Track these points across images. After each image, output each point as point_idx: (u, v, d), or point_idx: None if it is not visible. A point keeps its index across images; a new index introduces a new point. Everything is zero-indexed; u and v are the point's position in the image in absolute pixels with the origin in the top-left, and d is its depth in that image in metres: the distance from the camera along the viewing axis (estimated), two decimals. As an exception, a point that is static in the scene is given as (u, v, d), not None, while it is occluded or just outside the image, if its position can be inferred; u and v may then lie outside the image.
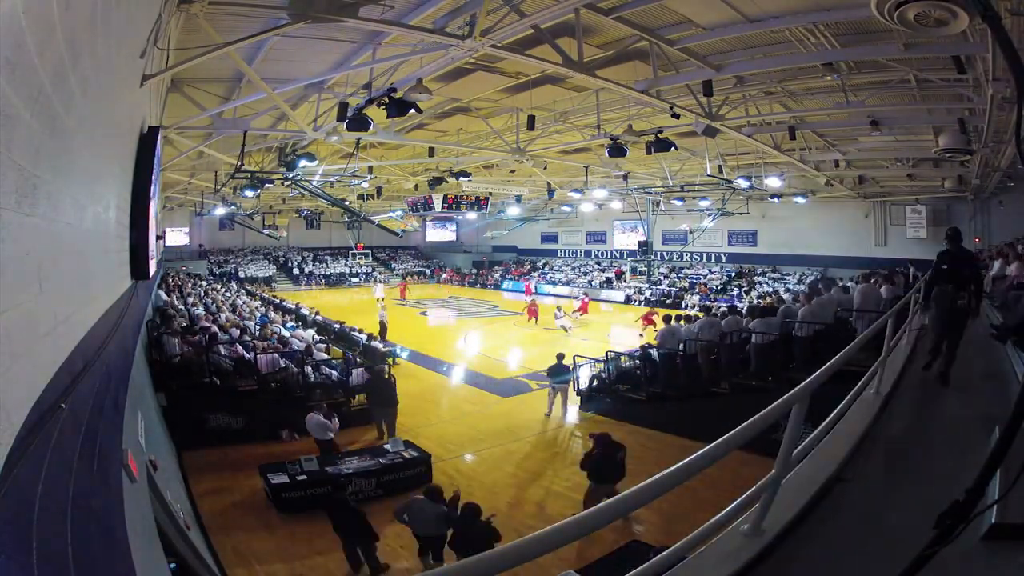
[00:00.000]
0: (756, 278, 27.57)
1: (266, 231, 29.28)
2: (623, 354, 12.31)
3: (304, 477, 7.41)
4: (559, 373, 11.19)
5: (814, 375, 2.25)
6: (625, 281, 31.84)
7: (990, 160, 13.42)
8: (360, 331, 16.37)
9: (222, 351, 10.64)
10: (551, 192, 21.39)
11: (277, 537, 6.64)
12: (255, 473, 7.77)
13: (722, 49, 8.76)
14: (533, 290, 30.57)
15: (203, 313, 14.48)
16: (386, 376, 10.82)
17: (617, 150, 11.87)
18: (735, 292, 26.46)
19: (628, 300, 29.42)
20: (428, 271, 41.60)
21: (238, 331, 12.57)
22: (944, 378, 4.55)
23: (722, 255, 30.31)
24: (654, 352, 10.91)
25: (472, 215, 27.48)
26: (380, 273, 39.16)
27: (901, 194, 21.86)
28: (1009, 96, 7.44)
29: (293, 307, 21.02)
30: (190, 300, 17.42)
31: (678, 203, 23.45)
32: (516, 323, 22.26)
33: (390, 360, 14.24)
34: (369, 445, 9.18)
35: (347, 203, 24.98)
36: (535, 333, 20.77)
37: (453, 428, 9.96)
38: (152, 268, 5.89)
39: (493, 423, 10.58)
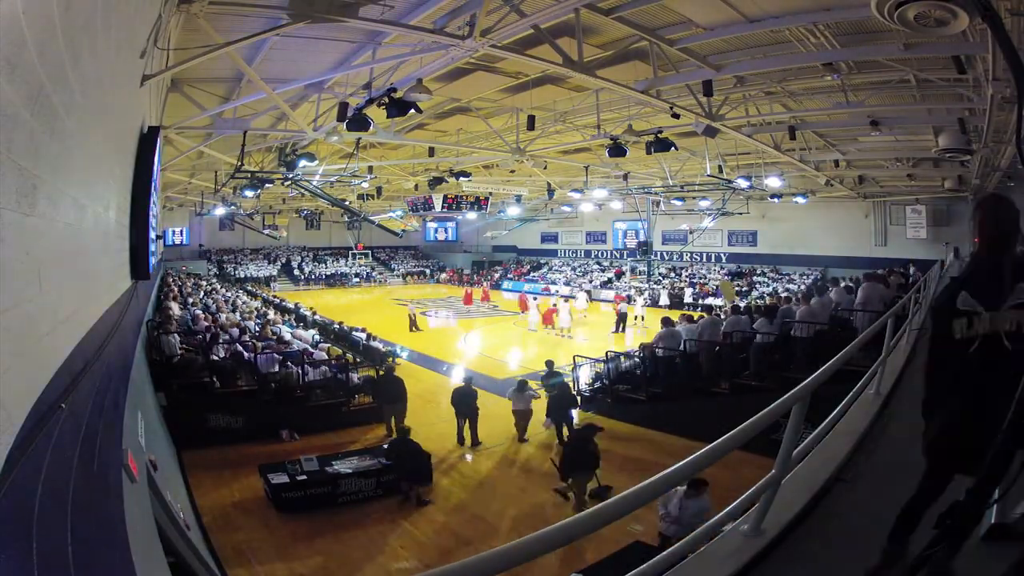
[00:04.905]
0: (755, 278, 27.57)
1: (266, 231, 29.30)
2: (623, 354, 12.31)
3: (304, 477, 7.41)
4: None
5: (814, 375, 2.24)
6: (626, 280, 31.83)
7: (990, 160, 13.41)
8: (362, 330, 16.38)
9: (222, 351, 10.64)
10: (551, 192, 21.39)
11: (277, 537, 6.64)
12: (255, 473, 7.78)
13: (722, 49, 8.75)
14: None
15: (203, 313, 14.47)
16: (395, 373, 10.89)
17: (617, 150, 11.87)
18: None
19: (629, 300, 29.41)
20: (428, 271, 41.64)
21: (238, 331, 12.57)
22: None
23: (722, 255, 30.29)
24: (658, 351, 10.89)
25: (472, 215, 27.49)
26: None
27: (901, 194, 21.85)
28: (1009, 96, 7.44)
29: (292, 307, 21.04)
30: (190, 300, 17.42)
31: (678, 203, 23.44)
32: (516, 323, 22.28)
33: (390, 360, 14.24)
34: (369, 445, 9.19)
35: (347, 203, 24.99)
36: (536, 333, 20.77)
37: (453, 428, 9.95)
38: (152, 268, 5.89)
39: (494, 423, 10.55)
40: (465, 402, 9.83)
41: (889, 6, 4.45)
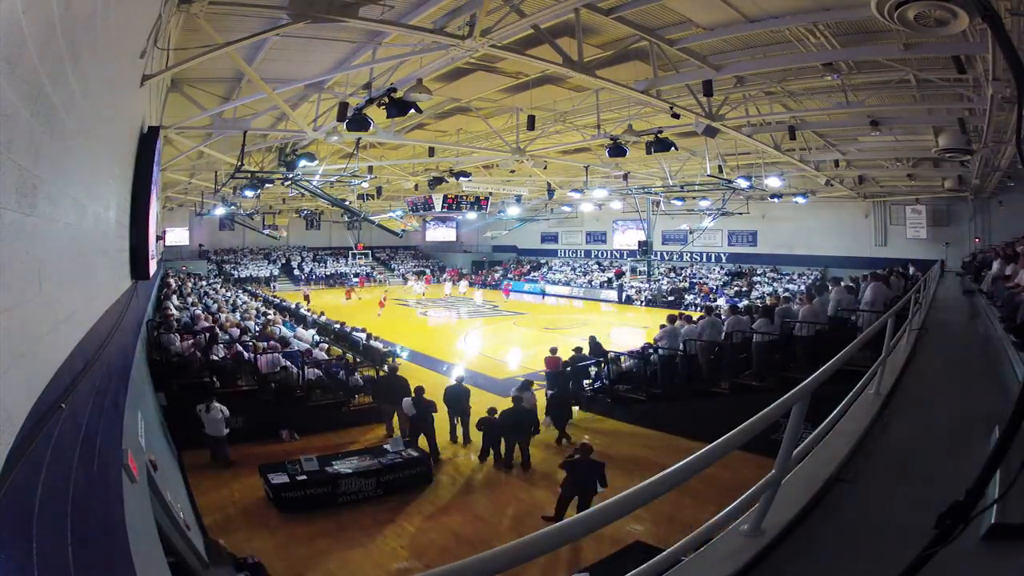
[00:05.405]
0: (755, 278, 27.59)
1: (266, 231, 29.31)
2: (623, 354, 12.31)
3: (304, 477, 7.40)
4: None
5: (814, 375, 2.24)
6: (626, 280, 31.86)
7: (990, 160, 13.42)
8: (362, 330, 16.37)
9: (222, 351, 10.64)
10: (551, 192, 21.40)
11: (277, 537, 6.64)
12: (255, 473, 7.77)
13: (722, 49, 8.76)
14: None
15: (203, 313, 14.47)
16: (398, 373, 10.88)
17: (617, 150, 11.87)
18: (732, 292, 26.47)
19: (628, 300, 29.46)
20: (428, 271, 41.67)
21: (238, 331, 12.56)
22: None
23: (722, 255, 30.31)
24: (655, 353, 10.90)
25: (472, 215, 27.55)
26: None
27: (901, 194, 21.87)
28: (1009, 96, 7.44)
29: (293, 307, 21.04)
30: (190, 300, 17.41)
31: (678, 203, 23.46)
32: (516, 323, 22.28)
33: (390, 360, 14.23)
34: (369, 445, 9.19)
35: (347, 203, 25.00)
36: (535, 333, 20.78)
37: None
38: (152, 268, 5.89)
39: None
40: (457, 399, 9.91)
41: (889, 6, 4.44)
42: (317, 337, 15.09)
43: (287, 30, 6.39)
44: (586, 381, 12.24)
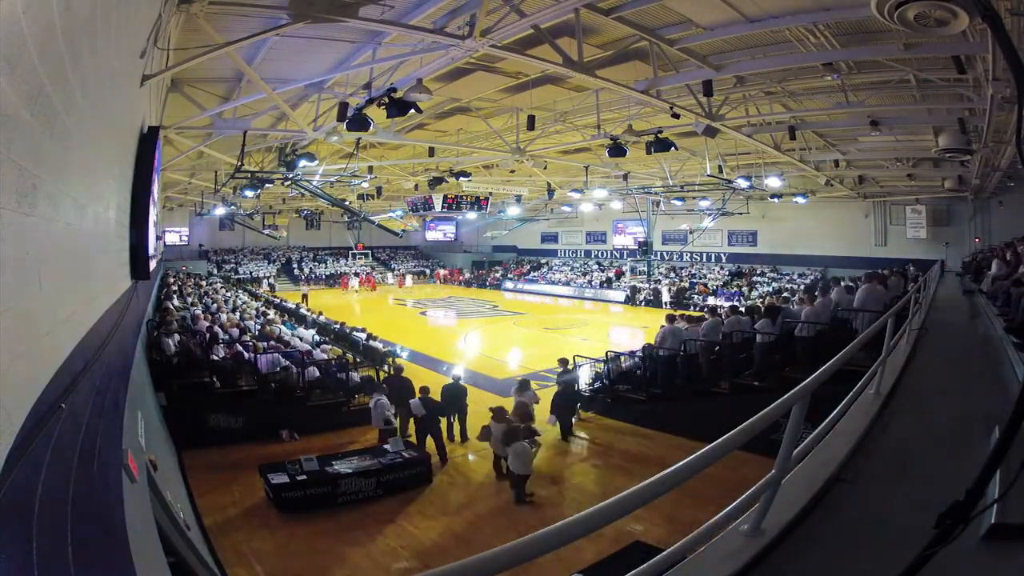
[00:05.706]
0: (755, 279, 27.59)
1: (266, 231, 29.31)
2: (623, 354, 12.30)
3: (304, 477, 7.40)
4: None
5: (814, 375, 2.24)
6: (626, 280, 31.85)
7: (990, 160, 13.43)
8: (362, 330, 16.36)
9: (222, 351, 10.63)
10: (551, 192, 21.40)
11: (277, 537, 6.64)
12: (255, 473, 7.77)
13: (722, 49, 8.76)
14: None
15: (202, 313, 14.47)
16: (403, 374, 10.87)
17: (617, 150, 11.87)
18: (733, 292, 26.47)
19: (628, 300, 29.46)
20: (428, 271, 41.69)
21: (238, 331, 12.56)
22: None
23: (722, 255, 30.30)
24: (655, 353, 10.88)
25: (472, 215, 27.53)
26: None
27: (901, 194, 21.87)
28: (1009, 96, 7.44)
29: (293, 307, 21.02)
30: (190, 300, 17.41)
31: (678, 203, 23.46)
32: (516, 323, 22.27)
33: (390, 360, 14.22)
34: (369, 445, 9.18)
35: (347, 203, 25.00)
36: (535, 333, 20.77)
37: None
38: (152, 268, 5.89)
39: (493, 423, 10.56)
40: (455, 398, 9.95)
41: (889, 6, 4.45)
42: (317, 337, 15.09)
43: (287, 30, 6.39)
44: (585, 382, 12.22)
